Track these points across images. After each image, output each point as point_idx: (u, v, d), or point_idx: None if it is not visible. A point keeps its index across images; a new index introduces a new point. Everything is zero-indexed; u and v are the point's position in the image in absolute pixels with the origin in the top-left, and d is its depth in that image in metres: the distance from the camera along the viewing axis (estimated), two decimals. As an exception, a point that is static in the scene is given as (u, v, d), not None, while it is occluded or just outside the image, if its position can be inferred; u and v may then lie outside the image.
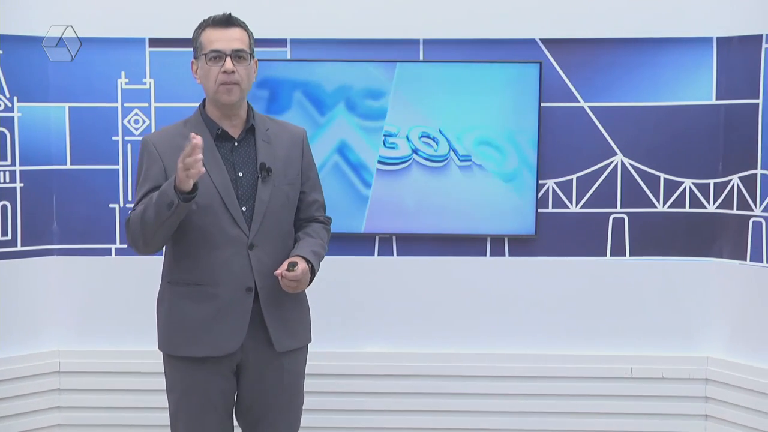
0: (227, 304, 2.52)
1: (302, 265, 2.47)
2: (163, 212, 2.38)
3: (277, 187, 2.56)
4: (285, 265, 2.46)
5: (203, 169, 2.31)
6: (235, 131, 2.57)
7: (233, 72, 2.48)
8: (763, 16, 3.48)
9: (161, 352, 2.65)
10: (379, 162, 3.61)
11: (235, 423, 2.70)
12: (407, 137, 3.60)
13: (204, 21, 2.56)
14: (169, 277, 2.60)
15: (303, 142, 2.67)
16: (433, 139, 3.61)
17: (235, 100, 2.52)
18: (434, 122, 3.60)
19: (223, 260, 2.51)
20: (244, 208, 2.53)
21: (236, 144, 2.57)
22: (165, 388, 2.68)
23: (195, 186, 2.35)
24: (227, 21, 2.53)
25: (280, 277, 2.47)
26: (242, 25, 2.56)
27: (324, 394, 3.63)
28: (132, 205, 2.62)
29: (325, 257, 2.67)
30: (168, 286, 2.60)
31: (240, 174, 2.54)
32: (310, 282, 2.58)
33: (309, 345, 2.73)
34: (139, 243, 2.52)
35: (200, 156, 2.29)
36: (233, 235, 2.51)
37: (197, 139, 2.28)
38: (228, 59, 2.48)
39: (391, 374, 3.70)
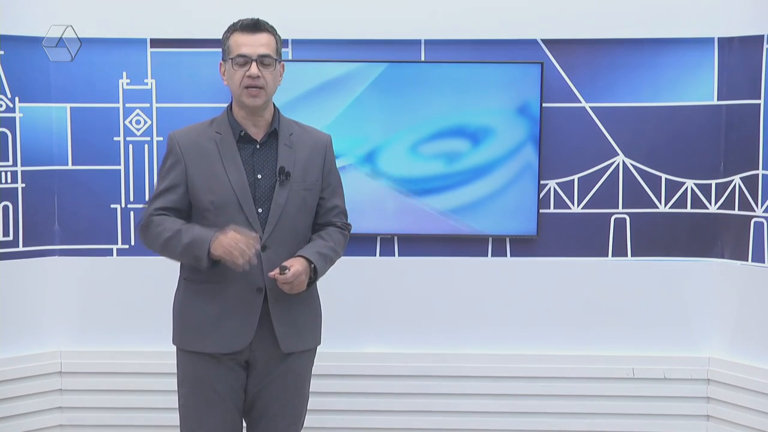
0: (237, 303, 2.54)
1: (295, 268, 2.49)
2: (187, 258, 2.52)
3: (294, 191, 2.58)
4: (278, 268, 2.49)
5: (243, 269, 2.43)
6: (258, 134, 2.60)
7: (258, 77, 2.51)
8: (764, 16, 3.48)
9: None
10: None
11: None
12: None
13: (233, 24, 2.58)
14: (185, 274, 2.64)
15: (326, 149, 2.69)
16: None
17: (260, 103, 2.55)
18: (434, 123, 3.61)
19: None
20: (260, 210, 2.55)
21: (258, 147, 2.59)
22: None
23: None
24: (255, 26, 2.56)
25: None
26: (270, 30, 2.58)
27: (325, 395, 3.63)
28: (143, 206, 2.66)
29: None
30: (183, 282, 2.65)
31: (259, 176, 2.57)
32: (313, 281, 2.60)
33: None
34: (151, 248, 2.61)
35: (251, 261, 2.43)
36: None
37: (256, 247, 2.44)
38: (253, 64, 2.51)
39: (392, 374, 3.71)
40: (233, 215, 2.53)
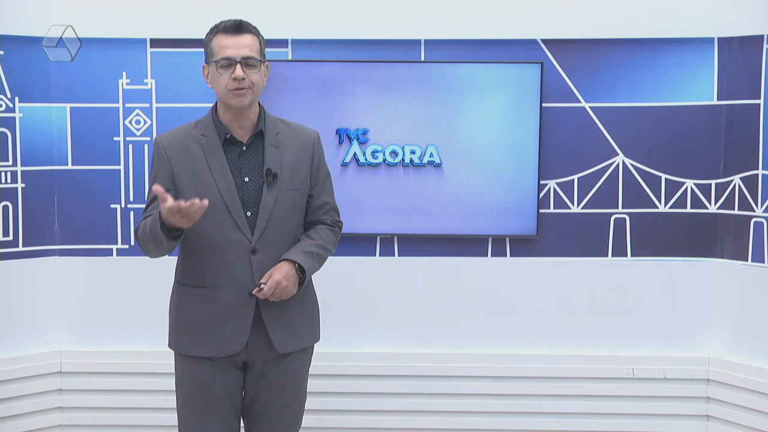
0: (230, 307, 2.54)
1: (273, 279, 2.49)
2: (160, 244, 2.47)
3: (283, 192, 2.57)
4: (256, 287, 2.50)
5: (204, 207, 2.37)
6: (243, 135, 2.59)
7: (243, 78, 2.50)
8: (764, 16, 3.48)
9: (167, 349, 2.68)
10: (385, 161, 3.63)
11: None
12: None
13: (215, 27, 2.57)
14: (178, 277, 2.64)
15: (314, 146, 2.68)
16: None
17: (246, 104, 2.54)
18: (434, 122, 3.61)
19: (226, 264, 2.53)
20: (248, 213, 2.54)
21: (244, 148, 2.58)
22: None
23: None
24: (237, 28, 2.54)
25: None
26: (253, 31, 2.56)
27: (324, 395, 3.63)
28: (143, 206, 2.65)
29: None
30: (177, 286, 2.65)
31: (246, 179, 2.56)
32: (304, 280, 2.59)
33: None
34: (147, 253, 2.60)
35: (202, 204, 2.36)
36: (236, 239, 2.52)
37: (204, 203, 2.35)
38: (238, 66, 2.50)
39: (392, 374, 3.71)
40: (221, 219, 2.52)
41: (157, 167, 2.58)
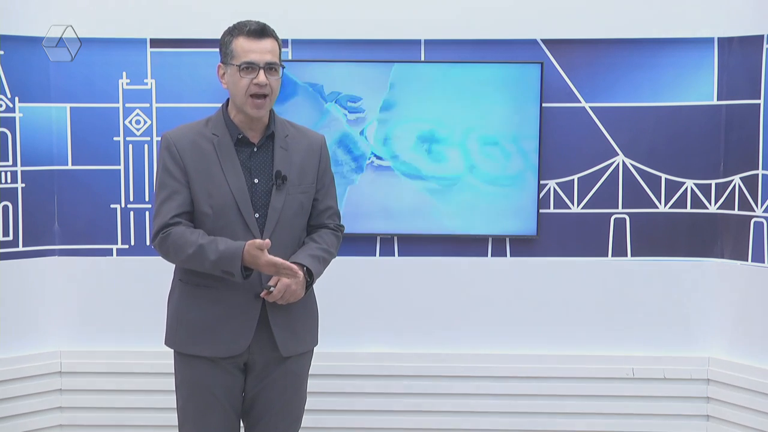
0: (235, 307, 2.54)
1: (282, 282, 2.49)
2: (216, 271, 2.47)
3: (291, 194, 2.57)
4: (264, 290, 2.51)
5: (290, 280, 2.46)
6: (255, 137, 2.58)
7: (266, 84, 2.49)
8: (764, 16, 3.48)
9: (168, 349, 2.67)
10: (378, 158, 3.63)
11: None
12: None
13: (237, 27, 2.53)
14: (181, 275, 2.63)
15: (321, 150, 2.68)
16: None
17: (264, 113, 2.54)
18: (434, 123, 3.61)
19: None
20: (257, 215, 2.54)
21: (255, 150, 2.57)
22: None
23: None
24: (262, 32, 2.51)
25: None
26: (274, 36, 2.55)
27: (324, 395, 3.63)
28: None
29: (327, 257, 2.68)
30: (179, 284, 2.63)
31: (256, 180, 2.55)
32: (311, 284, 2.60)
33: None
34: (172, 261, 2.58)
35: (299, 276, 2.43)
36: (245, 240, 2.51)
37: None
38: (261, 72, 2.48)
39: (391, 374, 3.71)
40: (232, 220, 2.52)
41: (169, 164, 2.54)
